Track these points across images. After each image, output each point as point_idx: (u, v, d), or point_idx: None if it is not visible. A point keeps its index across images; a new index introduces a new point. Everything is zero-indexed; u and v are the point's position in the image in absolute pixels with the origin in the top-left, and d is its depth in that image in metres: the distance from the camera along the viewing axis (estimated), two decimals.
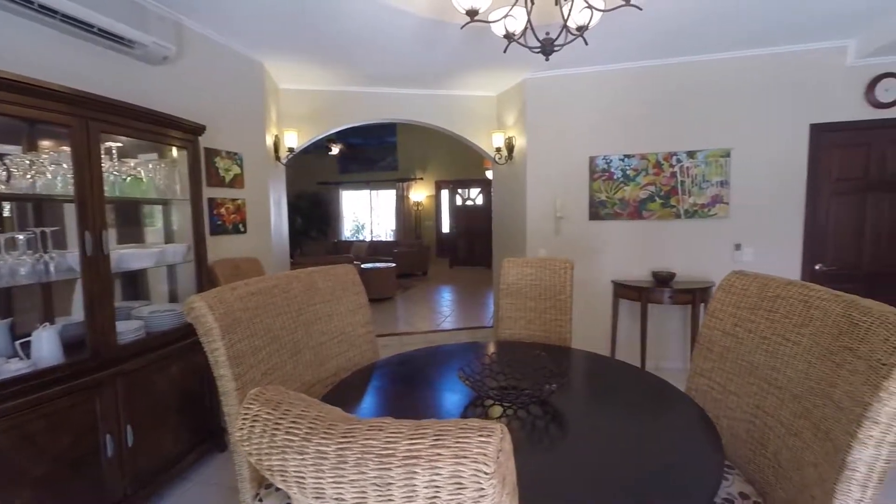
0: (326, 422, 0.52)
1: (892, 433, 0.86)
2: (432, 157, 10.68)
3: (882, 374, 0.89)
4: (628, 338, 3.80)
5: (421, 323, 5.66)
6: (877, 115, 3.35)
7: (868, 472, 0.88)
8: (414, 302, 7.05)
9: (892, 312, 1.00)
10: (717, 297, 1.65)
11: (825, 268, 3.53)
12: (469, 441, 0.48)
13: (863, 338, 1.02)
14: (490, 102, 4.56)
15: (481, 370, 1.60)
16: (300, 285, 1.86)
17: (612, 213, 3.76)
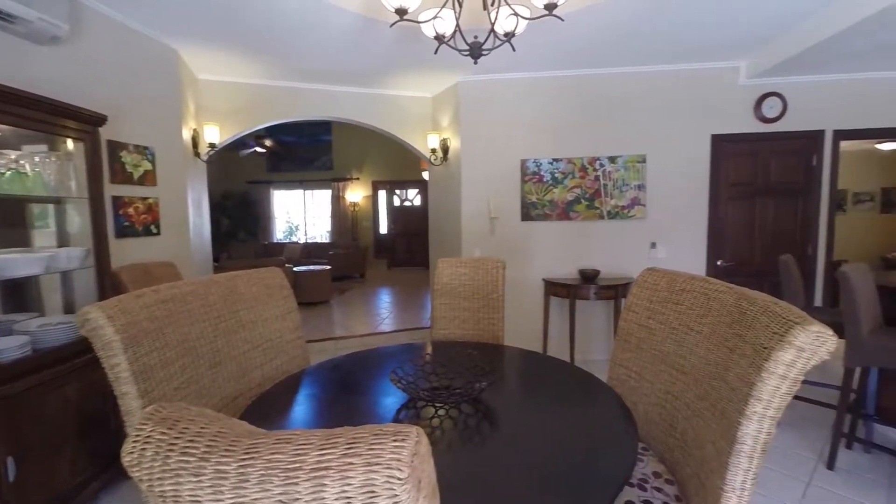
0: (228, 438, 0.48)
1: (772, 408, 0.98)
2: (369, 157, 10.51)
3: (764, 356, 1.00)
4: (559, 333, 3.98)
5: (358, 326, 5.53)
6: (763, 129, 3.81)
7: (753, 444, 0.99)
8: (351, 305, 6.88)
9: (773, 302, 1.14)
10: (633, 292, 1.77)
11: (725, 263, 3.94)
12: (383, 447, 0.47)
13: (750, 325, 1.14)
14: (425, 103, 4.57)
15: (414, 372, 1.59)
16: (220, 291, 1.74)
17: (543, 214, 3.93)
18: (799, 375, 0.96)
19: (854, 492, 2.14)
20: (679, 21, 2.94)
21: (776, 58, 3.34)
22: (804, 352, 0.95)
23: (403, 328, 5.31)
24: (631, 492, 1.34)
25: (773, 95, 3.75)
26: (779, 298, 1.25)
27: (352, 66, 3.75)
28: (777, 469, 2.33)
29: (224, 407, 1.61)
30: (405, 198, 10.75)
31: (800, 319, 0.98)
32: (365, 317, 6.09)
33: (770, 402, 0.98)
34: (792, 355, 0.96)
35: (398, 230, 10.56)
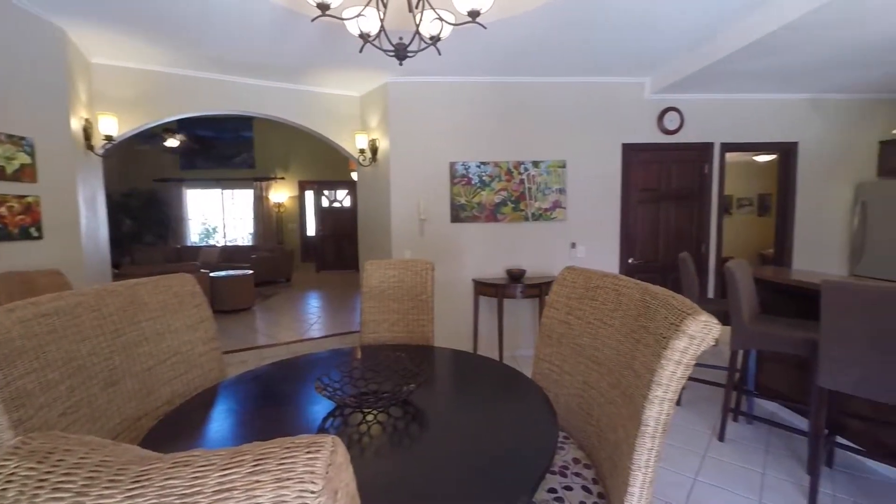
0: (114, 467, 0.43)
1: (671, 391, 1.08)
2: (295, 156, 10.05)
3: (663, 345, 1.11)
4: (489, 331, 4.10)
5: (284, 333, 5.26)
6: (666, 140, 4.23)
7: (656, 424, 1.09)
8: (276, 311, 6.53)
9: (671, 296, 1.26)
10: (554, 289, 1.87)
11: (635, 261, 4.31)
12: (295, 460, 0.45)
13: (652, 317, 1.26)
14: (353, 103, 4.47)
15: (341, 378, 1.54)
16: (118, 301, 1.56)
17: (471, 215, 4.02)
18: (691, 360, 1.08)
19: (740, 459, 2.45)
20: (591, 38, 3.17)
21: (674, 76, 3.73)
22: (695, 339, 1.06)
23: (333, 333, 5.14)
24: (553, 479, 1.41)
25: (673, 110, 4.18)
26: (679, 292, 1.41)
27: (274, 60, 3.56)
28: (678, 445, 2.59)
29: (125, 430, 1.45)
30: (334, 198, 10.44)
31: (691, 310, 1.10)
32: (292, 323, 5.80)
33: (669, 386, 1.08)
34: (685, 342, 1.06)
35: (327, 232, 10.21)
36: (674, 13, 2.80)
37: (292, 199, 10.36)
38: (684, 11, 2.78)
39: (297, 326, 5.57)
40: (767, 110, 4.37)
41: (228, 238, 10.53)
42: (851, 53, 3.23)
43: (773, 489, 2.18)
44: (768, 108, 4.37)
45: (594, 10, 2.74)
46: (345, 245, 9.82)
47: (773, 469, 2.34)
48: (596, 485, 1.40)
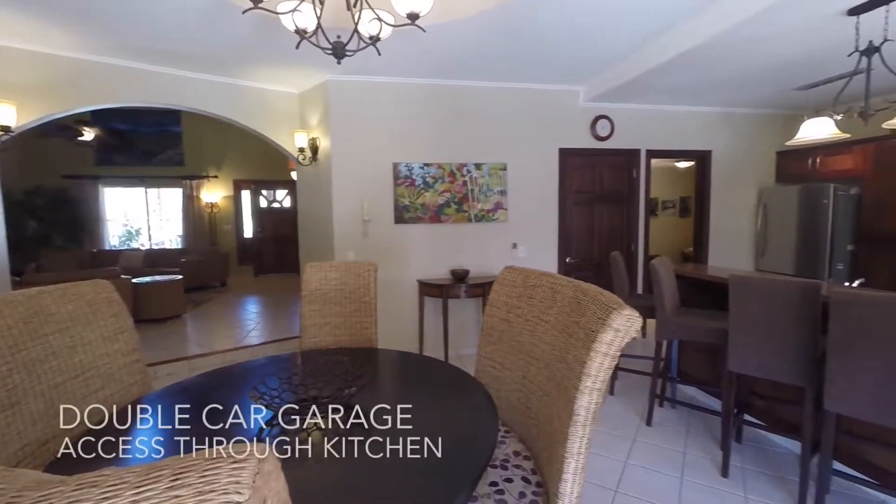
0: (6, 496, 0.39)
1: (599, 382, 1.16)
2: (229, 153, 9.50)
3: (592, 338, 1.18)
4: (434, 332, 4.12)
5: (218, 341, 4.96)
6: (598, 146, 4.49)
7: (586, 414, 1.16)
8: (209, 318, 6.14)
9: (599, 293, 1.34)
10: (494, 289, 1.92)
11: (573, 260, 4.53)
12: (219, 472, 0.43)
13: (583, 313, 1.33)
14: (292, 100, 4.31)
15: (279, 385, 1.48)
16: (19, 312, 1.40)
17: (415, 217, 4.02)
18: (616, 352, 1.16)
19: (665, 441, 2.65)
20: (526, 47, 3.30)
21: (604, 87, 3.97)
22: (620, 332, 1.14)
23: (273, 339, 4.92)
24: (494, 472, 1.45)
25: (604, 118, 4.45)
26: (611, 288, 1.50)
27: (204, 51, 3.35)
28: (611, 432, 2.76)
29: (28, 456, 1.30)
30: (273, 199, 9.99)
31: (616, 305, 1.18)
32: (227, 330, 5.48)
33: (597, 377, 1.15)
34: (611, 335, 1.14)
35: (266, 234, 9.75)
36: (600, 29, 2.98)
37: (227, 198, 9.79)
38: (610, 28, 2.97)
39: (234, 334, 5.28)
40: (686, 121, 4.78)
41: (155, 241, 9.74)
42: (752, 73, 3.61)
43: (693, 466, 2.39)
44: (687, 119, 4.78)
45: (527, 22, 2.85)
46: (285, 247, 9.41)
47: (693, 448, 2.57)
48: (535, 475, 1.46)
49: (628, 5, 2.66)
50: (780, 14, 2.50)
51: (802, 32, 2.77)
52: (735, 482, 2.23)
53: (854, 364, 1.65)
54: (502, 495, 1.35)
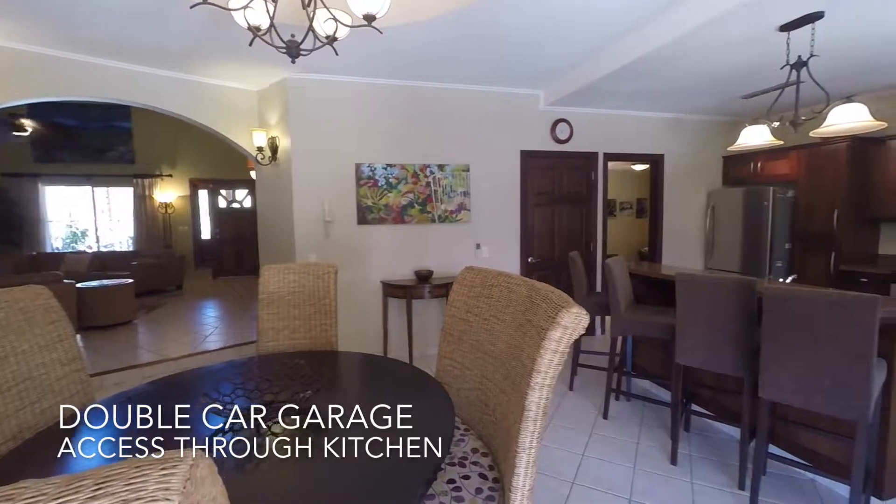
0: None
1: (549, 378, 1.20)
2: (185, 151, 9.11)
3: (542, 336, 1.22)
4: (399, 333, 4.11)
5: (173, 348, 4.74)
6: (558, 148, 4.61)
7: (537, 409, 1.20)
8: (164, 324, 5.86)
9: (551, 291, 1.39)
10: (454, 289, 1.94)
11: (534, 260, 4.64)
12: (146, 479, 0.43)
13: (535, 311, 1.38)
14: (250, 97, 4.19)
15: (233, 391, 1.45)
16: None
17: (379, 217, 4.00)
18: (565, 349, 1.20)
19: (621, 433, 2.77)
20: (487, 51, 3.35)
21: (563, 91, 4.09)
22: (568, 329, 1.19)
23: (232, 344, 4.76)
24: (453, 470, 1.47)
25: (564, 121, 4.58)
26: (570, 287, 1.56)
27: (155, 45, 3.20)
28: (570, 426, 2.85)
29: None
30: (233, 199, 9.66)
31: (565, 304, 1.23)
32: (182, 336, 5.25)
33: (547, 373, 1.20)
34: (560, 333, 1.19)
35: (225, 235, 9.41)
36: (557, 36, 3.07)
37: (182, 198, 9.38)
38: (566, 36, 3.07)
39: (189, 339, 5.06)
40: (640, 126, 4.99)
41: (104, 243, 9.20)
42: (699, 81, 3.82)
43: (645, 455, 2.50)
44: (641, 124, 4.99)
45: (487, 26, 2.90)
46: (245, 249, 9.11)
47: (646, 438, 2.69)
48: (492, 471, 1.49)
49: (583, 14, 2.75)
50: (720, 28, 2.66)
51: (742, 45, 2.96)
52: (683, 469, 2.36)
53: (782, 354, 1.78)
54: (459, 492, 1.37)
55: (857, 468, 1.70)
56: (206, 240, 9.72)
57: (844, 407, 1.64)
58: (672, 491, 2.17)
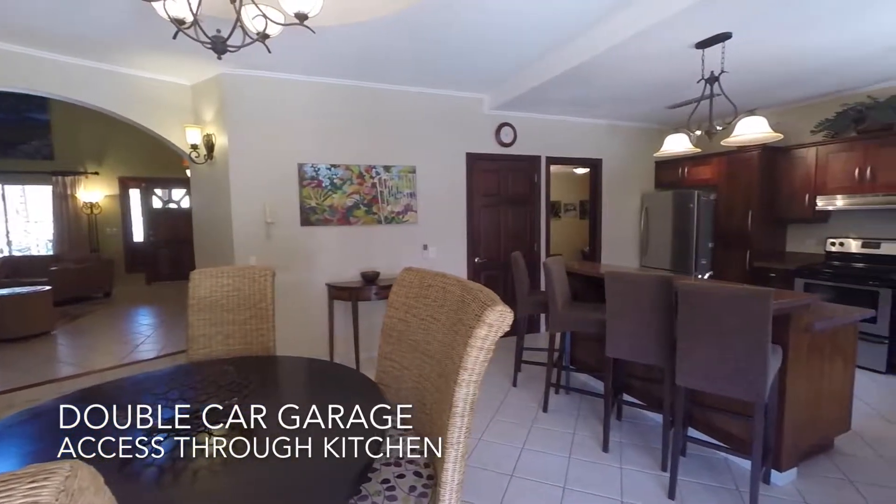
0: None
1: (475, 374, 1.25)
2: (114, 147, 8.44)
3: (469, 334, 1.26)
4: (345, 336, 4.05)
5: (98, 359, 4.40)
6: (502, 151, 4.74)
7: (464, 405, 1.24)
8: (88, 334, 5.42)
9: (480, 291, 1.44)
10: (393, 290, 1.96)
11: (481, 260, 4.74)
12: (11, 495, 0.41)
13: (466, 311, 1.42)
14: (183, 92, 3.97)
15: (154, 401, 1.38)
16: None
17: (323, 219, 3.93)
18: (491, 346, 1.25)
19: (559, 425, 2.89)
20: (431, 54, 3.38)
21: (506, 96, 4.22)
22: (493, 327, 1.24)
23: (167, 353, 4.49)
24: (388, 470, 1.48)
25: (508, 125, 4.72)
26: (514, 286, 1.59)
27: (71, 30, 2.95)
28: (511, 421, 2.95)
29: None
30: (168, 198, 9.08)
31: (491, 302, 1.28)
32: (110, 346, 4.88)
33: (473, 370, 1.24)
34: (486, 331, 1.23)
35: (160, 237, 8.83)
36: (499, 41, 3.16)
37: (111, 198, 8.69)
38: (508, 41, 3.17)
39: (118, 349, 4.71)
40: (580, 131, 5.23)
41: (18, 246, 8.34)
42: (631, 91, 4.08)
43: (580, 445, 2.64)
44: (581, 130, 5.24)
45: (430, 29, 2.93)
46: (183, 252, 8.56)
47: (581, 429, 2.83)
48: (427, 468, 1.52)
49: (522, 23, 2.86)
50: (645, 42, 2.86)
51: (665, 59, 3.19)
52: (613, 455, 2.51)
53: (694, 343, 1.95)
54: (393, 491, 1.39)
55: (756, 444, 1.89)
56: (139, 243, 9.07)
57: (745, 389, 1.82)
58: (602, 476, 2.31)
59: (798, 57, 3.26)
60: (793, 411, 2.19)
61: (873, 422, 2.85)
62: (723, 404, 2.36)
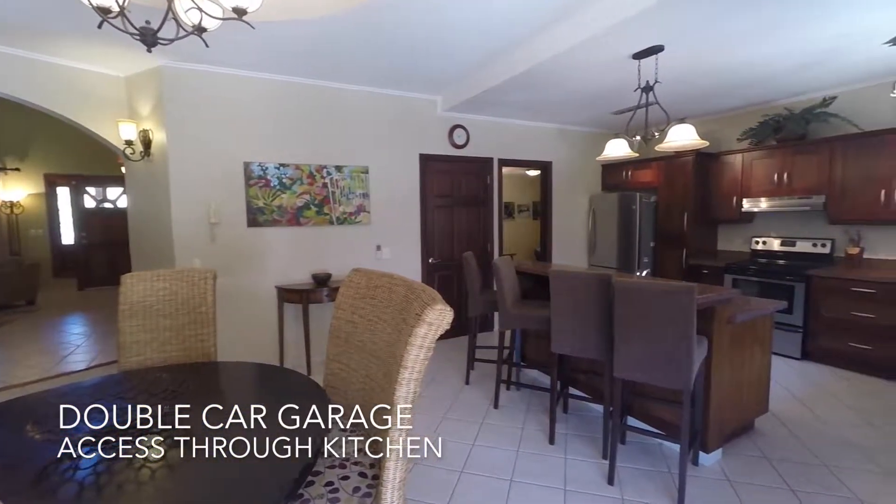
0: None
1: (416, 373, 1.26)
2: (38, 142, 7.76)
3: (410, 333, 1.28)
4: (297, 340, 3.95)
5: (19, 372, 4.03)
6: (455, 153, 4.80)
7: (405, 403, 1.26)
8: (8, 345, 4.94)
9: (422, 290, 1.46)
10: (341, 291, 1.94)
11: (435, 260, 4.77)
12: None
13: (409, 310, 1.44)
14: (116, 84, 3.72)
15: (79, 414, 1.29)
16: None
17: (272, 219, 3.81)
18: (431, 344, 1.28)
19: (509, 420, 2.97)
20: (384, 54, 3.37)
21: (459, 98, 4.27)
22: (433, 325, 1.26)
23: (98, 364, 4.18)
24: (332, 472, 1.47)
25: (460, 127, 4.78)
26: (465, 286, 1.59)
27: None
28: (463, 418, 3.00)
29: None
30: (103, 197, 8.45)
31: (431, 301, 1.30)
32: (33, 357, 4.48)
33: (414, 368, 1.26)
34: (425, 329, 1.26)
35: (93, 239, 8.19)
36: (450, 43, 3.20)
37: (35, 197, 7.99)
38: (458, 44, 3.22)
39: (42, 362, 4.34)
40: (531, 134, 5.39)
41: None
42: (577, 97, 4.25)
43: (529, 438, 2.72)
44: (532, 133, 5.39)
45: (380, 28, 2.92)
46: (120, 255, 7.99)
47: (530, 423, 2.93)
48: (373, 468, 1.52)
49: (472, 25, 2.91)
50: (588, 51, 3.00)
51: (607, 68, 3.36)
52: (559, 447, 2.61)
53: (628, 337, 2.08)
54: (336, 493, 1.38)
55: (683, 428, 2.04)
56: (69, 245, 8.39)
57: (673, 378, 1.96)
58: (548, 467, 2.40)
59: (723, 70, 3.53)
60: (718, 397, 2.37)
61: (789, 404, 3.14)
62: (657, 393, 2.52)
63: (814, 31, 2.82)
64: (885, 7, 2.53)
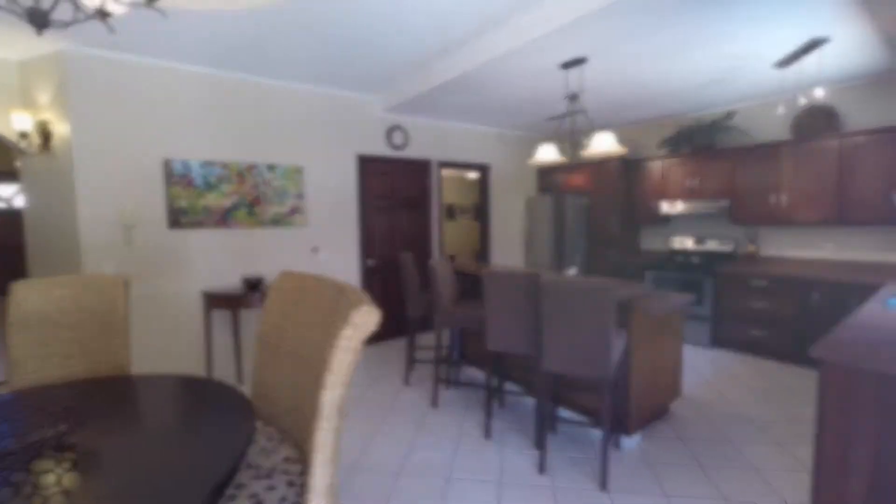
0: None
1: (342, 376, 1.25)
2: None
3: (336, 335, 1.27)
4: (226, 348, 3.74)
5: None
6: (394, 154, 4.78)
7: (331, 408, 1.24)
8: None
9: (352, 292, 1.45)
10: (270, 296, 1.87)
11: (373, 262, 4.72)
12: None
13: (337, 313, 1.42)
14: (7, 69, 3.31)
15: None
16: None
17: (197, 221, 3.57)
18: (357, 346, 1.27)
19: (449, 418, 3.01)
20: (318, 50, 3.28)
21: (397, 99, 4.27)
22: (359, 327, 1.26)
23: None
24: (258, 483, 1.42)
25: (399, 129, 4.77)
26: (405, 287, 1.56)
27: None
28: (401, 420, 2.99)
29: None
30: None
31: (357, 302, 1.29)
32: None
33: (339, 371, 1.25)
34: (351, 331, 1.25)
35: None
36: (388, 41, 3.19)
37: None
38: (393, 44, 3.21)
39: None
40: (470, 137, 5.50)
41: None
42: (512, 102, 4.40)
43: (467, 434, 2.78)
44: (470, 136, 5.50)
45: (313, 21, 2.84)
46: (16, 261, 7.11)
47: (469, 420, 2.99)
48: (302, 476, 1.48)
49: (407, 25, 2.91)
50: (520, 59, 3.12)
51: (539, 76, 3.51)
52: (495, 441, 2.69)
53: (554, 332, 2.19)
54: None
55: (605, 414, 2.19)
56: None
57: (594, 369, 2.10)
58: (484, 462, 2.47)
59: (642, 83, 3.83)
60: (637, 384, 2.56)
61: (700, 388, 3.46)
62: (583, 384, 2.68)
63: (720, 50, 3.13)
64: (774, 31, 2.86)
